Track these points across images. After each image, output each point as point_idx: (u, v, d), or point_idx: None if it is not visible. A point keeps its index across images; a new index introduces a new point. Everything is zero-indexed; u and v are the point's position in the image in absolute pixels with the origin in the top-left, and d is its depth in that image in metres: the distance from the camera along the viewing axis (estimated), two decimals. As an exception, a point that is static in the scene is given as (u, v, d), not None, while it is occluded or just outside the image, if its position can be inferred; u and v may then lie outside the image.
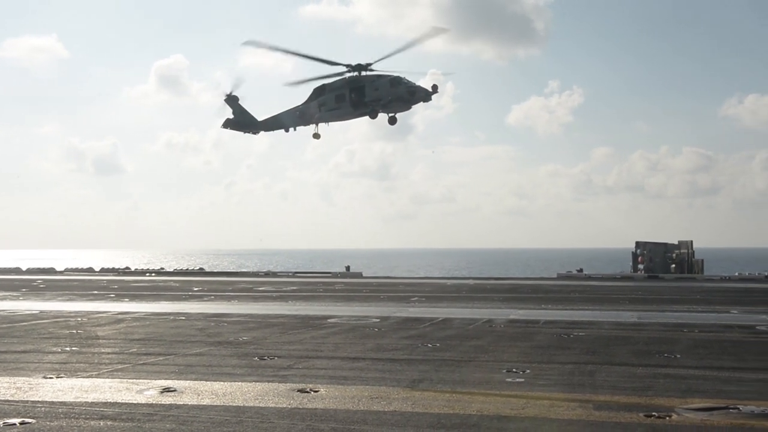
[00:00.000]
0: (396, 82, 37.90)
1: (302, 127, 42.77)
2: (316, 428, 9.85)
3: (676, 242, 61.49)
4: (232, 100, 45.09)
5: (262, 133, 46.82)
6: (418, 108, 40.43)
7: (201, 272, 69.20)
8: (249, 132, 46.07)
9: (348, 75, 39.40)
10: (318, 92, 40.91)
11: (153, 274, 62.59)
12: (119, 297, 34.50)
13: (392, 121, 40.20)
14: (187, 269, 77.89)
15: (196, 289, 40.88)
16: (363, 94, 39.02)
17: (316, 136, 42.68)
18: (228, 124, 45.46)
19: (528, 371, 13.96)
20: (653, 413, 10.50)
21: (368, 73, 38.95)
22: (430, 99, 38.17)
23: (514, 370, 14.10)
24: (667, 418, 10.31)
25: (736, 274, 58.20)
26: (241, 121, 45.39)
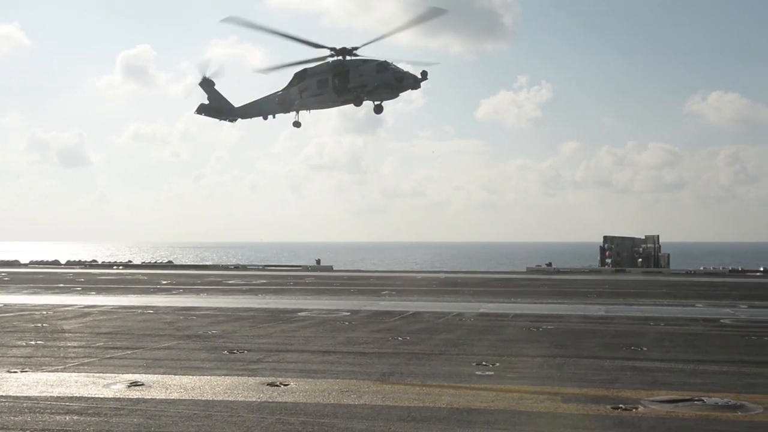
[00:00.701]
0: (383, 67, 35.81)
1: (282, 115, 40.33)
2: (285, 422, 9.81)
3: (643, 237, 62.41)
4: (207, 84, 42.75)
5: (235, 122, 44.06)
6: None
7: (169, 265, 68.52)
8: (225, 119, 43.59)
9: (331, 59, 37.09)
10: (299, 77, 38.62)
11: (120, 267, 61.83)
12: (86, 290, 34.01)
13: (378, 109, 38.13)
14: (155, 262, 77.07)
15: (164, 282, 40.47)
16: (347, 79, 36.72)
17: (297, 124, 40.58)
18: (202, 109, 43.04)
19: (498, 364, 14.06)
20: (620, 405, 10.64)
21: (353, 57, 36.64)
22: (419, 86, 36.16)
23: (483, 363, 14.19)
24: (634, 410, 10.45)
25: (701, 268, 59.27)
26: (217, 108, 42.98)
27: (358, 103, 37.41)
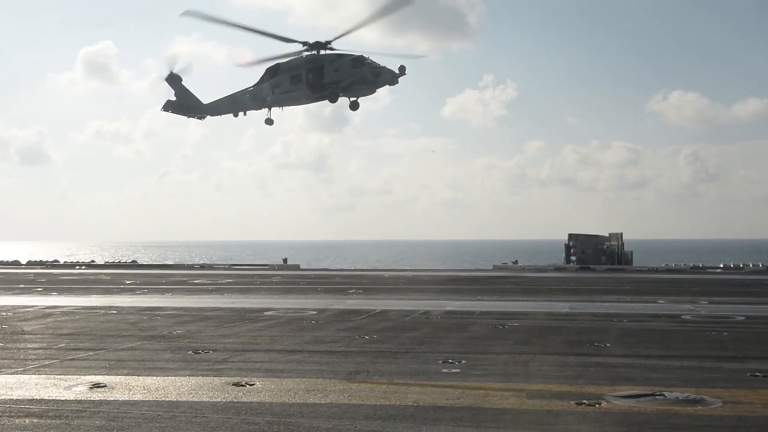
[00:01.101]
0: (358, 62, 34.48)
1: (252, 112, 38.62)
2: (251, 422, 9.75)
3: (607, 234, 63.23)
4: (174, 80, 41.12)
5: (204, 119, 42.22)
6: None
7: (134, 265, 67.61)
8: (193, 116, 41.86)
9: (305, 54, 35.56)
10: (271, 73, 37.15)
11: (83, 267, 60.82)
12: (47, 291, 33.40)
13: (354, 106, 36.74)
14: (119, 262, 76.00)
15: (128, 282, 39.92)
16: (321, 75, 35.38)
17: (269, 121, 38.87)
18: (169, 106, 41.31)
19: (464, 362, 14.14)
20: (584, 401, 10.78)
21: (328, 52, 35.13)
22: (397, 82, 34.78)
23: (450, 360, 14.26)
24: (597, 405, 10.59)
25: (663, 265, 60.25)
26: (185, 104, 41.31)
27: (333, 100, 36.17)
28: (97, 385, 11.94)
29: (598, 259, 60.28)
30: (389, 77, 34.25)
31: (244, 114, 39.96)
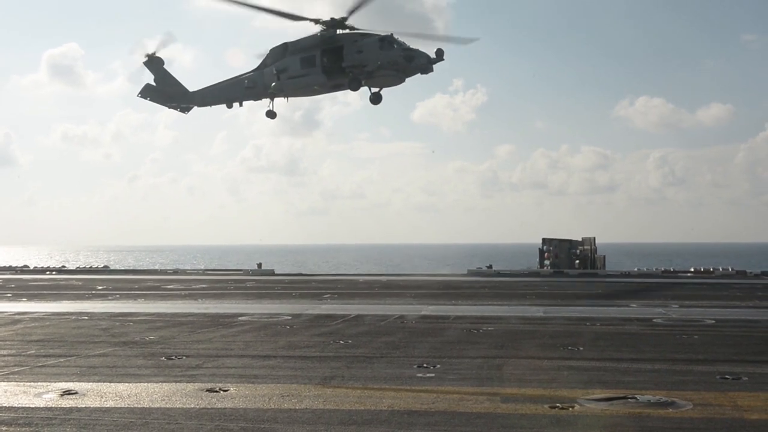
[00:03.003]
0: (387, 42, 28.47)
1: (251, 103, 32.20)
2: (225, 428, 9.69)
3: (580, 239, 63.80)
4: (154, 62, 35.42)
5: (189, 112, 35.94)
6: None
7: (105, 270, 66.81)
8: (176, 106, 35.63)
9: (320, 32, 29.64)
10: (276, 54, 30.95)
11: (54, 272, 59.96)
12: (16, 296, 32.87)
13: (376, 99, 30.36)
14: (90, 267, 75.03)
15: (100, 287, 39.43)
16: (340, 57, 29.27)
17: (271, 114, 32.81)
18: (148, 92, 35.48)
19: (438, 366, 14.17)
20: (557, 404, 10.86)
21: (348, 31, 29.31)
22: (432, 69, 28.87)
23: (424, 365, 14.28)
24: (570, 408, 10.69)
25: (635, 269, 60.94)
26: (166, 91, 35.28)
27: (354, 87, 30.18)
28: (68, 392, 11.78)
29: (571, 263, 60.78)
30: (424, 63, 28.73)
31: (240, 104, 33.83)
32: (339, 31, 29.39)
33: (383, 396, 11.53)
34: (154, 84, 35.92)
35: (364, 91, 33.03)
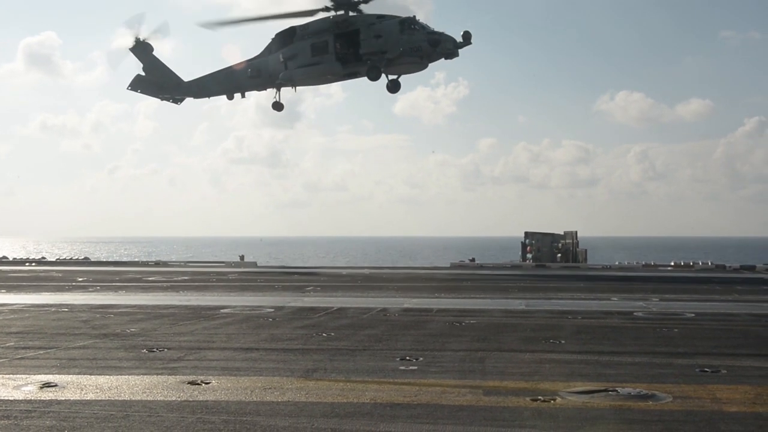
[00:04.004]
0: (409, 26, 26.20)
1: (254, 93, 29.50)
2: (206, 420, 9.64)
3: (562, 232, 64.16)
4: (142, 49, 32.80)
5: (182, 103, 33.23)
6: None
7: (86, 261, 66.23)
8: (167, 98, 33.07)
9: (333, 15, 27.05)
10: (283, 39, 28.51)
11: (33, 264, 59.36)
12: (-5, 288, 32.50)
13: (394, 87, 27.90)
14: (70, 258, 74.37)
15: (80, 279, 39.09)
16: (356, 42, 27.09)
17: (278, 106, 30.13)
18: (138, 84, 33.17)
19: (421, 359, 14.19)
20: (539, 397, 10.92)
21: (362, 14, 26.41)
22: (457, 54, 26.86)
23: (407, 358, 14.30)
24: (552, 401, 10.75)
25: (617, 263, 61.37)
26: (157, 81, 32.82)
27: (373, 76, 27.65)
28: (47, 385, 11.68)
29: (553, 257, 61.13)
30: (450, 47, 26.57)
31: (242, 95, 31.25)
32: (352, 13, 26.42)
33: (366, 389, 11.53)
34: (143, 73, 33.19)
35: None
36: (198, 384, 11.77)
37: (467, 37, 25.82)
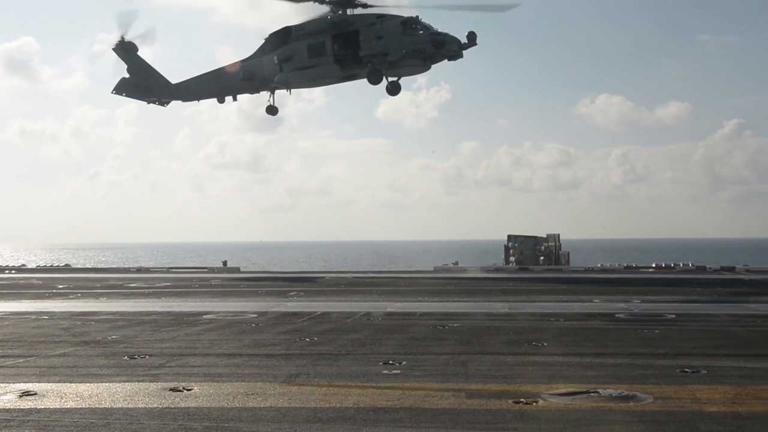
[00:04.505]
0: (411, 26, 24.99)
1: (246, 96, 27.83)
2: (188, 427, 9.59)
3: (545, 235, 64.50)
4: (126, 50, 31.54)
5: (168, 105, 31.93)
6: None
7: (67, 268, 65.63)
8: (154, 101, 31.82)
9: (330, 15, 25.62)
10: (277, 40, 27.18)
11: (13, 271, 58.72)
12: (-26, 296, 32.11)
13: (394, 89, 27.03)
14: (51, 265, 73.65)
15: (60, 286, 38.73)
16: (355, 43, 25.97)
17: (272, 110, 29.35)
18: (123, 88, 31.86)
19: (404, 363, 14.20)
20: (521, 399, 10.96)
21: (358, 11, 25.17)
22: (462, 55, 25.94)
23: (390, 362, 14.30)
24: (534, 403, 10.79)
25: (599, 265, 61.76)
26: (143, 84, 31.47)
27: (374, 80, 26.46)
28: (26, 393, 11.55)
29: (536, 259, 61.43)
30: (454, 48, 25.46)
31: (234, 99, 29.68)
32: (350, 11, 25.09)
33: (349, 393, 11.52)
34: (127, 75, 31.85)
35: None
36: (180, 391, 11.70)
37: (472, 38, 24.82)
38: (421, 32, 25.08)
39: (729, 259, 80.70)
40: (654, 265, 56.30)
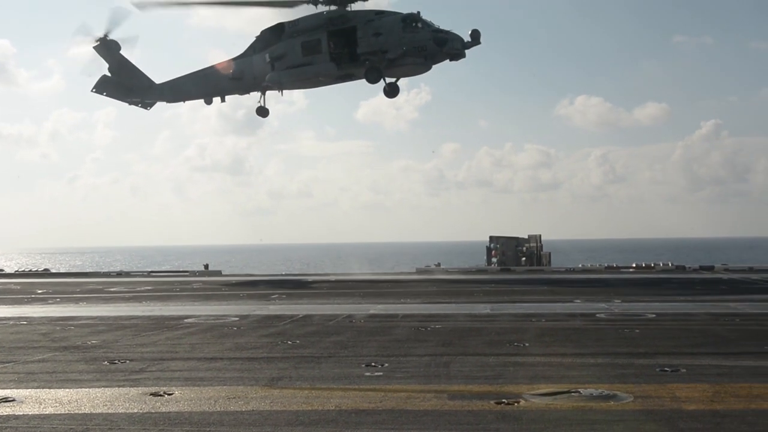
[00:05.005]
0: (412, 23, 23.66)
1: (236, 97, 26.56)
2: (169, 433, 9.52)
3: (526, 236, 64.74)
4: (108, 47, 30.17)
5: (151, 108, 30.50)
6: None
7: (46, 273, 64.92)
8: (136, 102, 30.49)
9: (326, 11, 24.13)
10: (270, 37, 25.74)
11: (-9, 276, 57.97)
12: (-49, 301, 31.69)
13: (392, 91, 25.73)
14: (30, 270, 72.83)
15: (39, 291, 38.31)
16: (353, 40, 24.61)
17: (263, 111, 28.09)
18: (104, 87, 30.60)
19: (386, 365, 14.20)
20: (503, 400, 11.01)
21: (356, 7, 23.85)
22: (464, 55, 24.84)
23: (373, 364, 14.30)
24: (516, 404, 10.84)
25: (580, 265, 62.11)
26: (125, 83, 30.11)
27: (372, 79, 25.33)
28: (4, 400, 11.42)
29: (518, 260, 61.64)
30: (457, 47, 24.20)
31: (222, 100, 28.35)
32: (349, 7, 23.83)
33: (331, 396, 11.50)
34: (109, 75, 30.51)
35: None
36: (160, 395, 11.62)
37: (476, 37, 23.59)
38: (422, 29, 24.07)
39: (708, 259, 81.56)
40: (634, 265, 56.75)
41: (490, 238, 64.65)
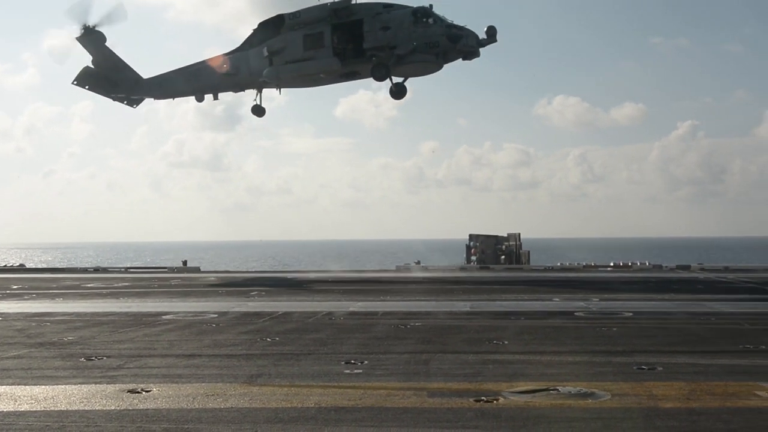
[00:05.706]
0: (423, 16, 21.81)
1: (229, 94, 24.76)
2: (147, 429, 9.45)
3: (506, 234, 65.05)
4: (92, 38, 28.65)
5: (137, 105, 28.42)
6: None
7: (21, 269, 64.14)
8: (121, 97, 28.75)
9: (330, 3, 22.49)
10: (268, 30, 23.81)
11: (-35, 271, 57.17)
12: (-77, 297, 31.20)
13: (399, 91, 23.96)
14: (4, 266, 71.90)
15: (15, 286, 37.84)
16: (359, 34, 22.87)
17: (258, 110, 26.53)
18: (86, 79, 28.89)
19: (366, 362, 14.20)
20: (482, 398, 11.05)
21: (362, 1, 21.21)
22: (479, 53, 23.39)
23: (352, 361, 14.29)
24: (494, 401, 10.88)
25: (558, 264, 62.52)
26: (110, 77, 28.48)
27: (379, 76, 23.66)
28: (-22, 397, 11.26)
29: (497, 258, 61.92)
30: (471, 44, 22.59)
31: (214, 97, 26.77)
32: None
33: (310, 393, 11.47)
34: (92, 67, 28.91)
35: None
36: (138, 392, 11.53)
37: (492, 34, 22.38)
38: (434, 24, 22.51)
39: (684, 258, 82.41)
40: (612, 264, 57.21)
41: (470, 236, 64.90)
